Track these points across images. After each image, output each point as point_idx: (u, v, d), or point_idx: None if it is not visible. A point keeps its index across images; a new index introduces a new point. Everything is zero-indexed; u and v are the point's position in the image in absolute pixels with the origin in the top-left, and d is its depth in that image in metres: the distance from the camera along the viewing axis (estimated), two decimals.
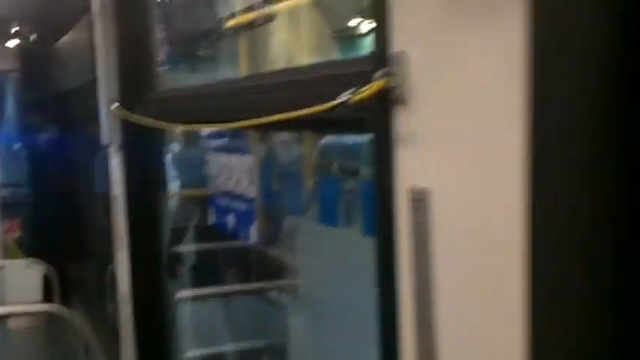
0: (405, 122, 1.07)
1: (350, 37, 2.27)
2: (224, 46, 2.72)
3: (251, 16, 1.99)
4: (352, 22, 2.33)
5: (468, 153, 0.95)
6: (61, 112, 5.41)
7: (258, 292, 3.83)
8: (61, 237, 5.73)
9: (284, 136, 3.00)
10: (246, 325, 3.75)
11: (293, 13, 1.89)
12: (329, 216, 2.22)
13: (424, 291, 1.02)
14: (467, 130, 0.94)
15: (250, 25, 2.04)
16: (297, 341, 3.51)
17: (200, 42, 3.33)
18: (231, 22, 2.16)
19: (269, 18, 1.91)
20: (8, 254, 5.93)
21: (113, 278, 3.62)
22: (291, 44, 2.05)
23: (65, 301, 4.82)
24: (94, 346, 4.14)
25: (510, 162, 0.84)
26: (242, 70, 2.39)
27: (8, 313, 4.78)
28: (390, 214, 1.11)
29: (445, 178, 0.99)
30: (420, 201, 1.03)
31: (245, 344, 3.70)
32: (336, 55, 2.32)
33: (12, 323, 5.39)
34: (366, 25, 2.25)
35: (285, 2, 1.86)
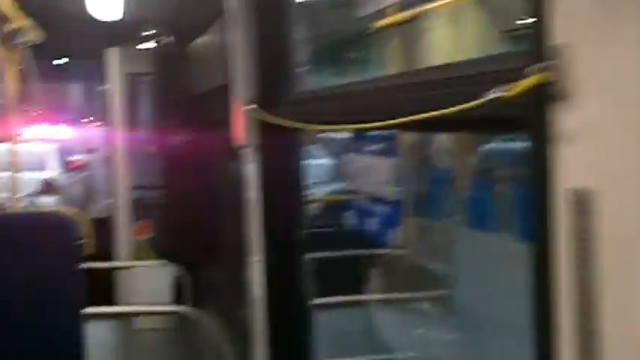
0: (566, 119, 1.07)
1: (520, 37, 2.25)
2: (372, 48, 2.76)
3: (404, 15, 2.01)
4: (523, 21, 2.31)
5: (633, 152, 0.94)
6: (195, 115, 5.65)
7: (402, 302, 3.84)
8: (193, 239, 5.97)
9: (433, 137, 3.02)
10: (387, 336, 3.78)
11: (452, 12, 1.90)
12: (480, 220, 2.22)
13: (585, 303, 1.01)
14: (629, 126, 0.93)
15: (403, 25, 2.07)
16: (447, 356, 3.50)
17: (345, 43, 3.39)
18: (380, 22, 2.19)
19: (424, 16, 1.93)
20: (139, 256, 6.23)
21: (246, 282, 3.75)
22: (451, 46, 2.05)
23: (195, 304, 5.02)
24: (223, 349, 4.31)
25: None
26: (393, 71, 2.43)
27: (136, 312, 5.05)
28: (547, 218, 1.11)
29: (612, 178, 0.98)
30: (581, 203, 1.03)
31: (385, 357, 3.73)
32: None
33: (140, 324, 5.63)
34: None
35: (444, 0, 1.87)
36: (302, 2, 2.94)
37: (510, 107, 1.19)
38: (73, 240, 2.67)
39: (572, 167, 1.07)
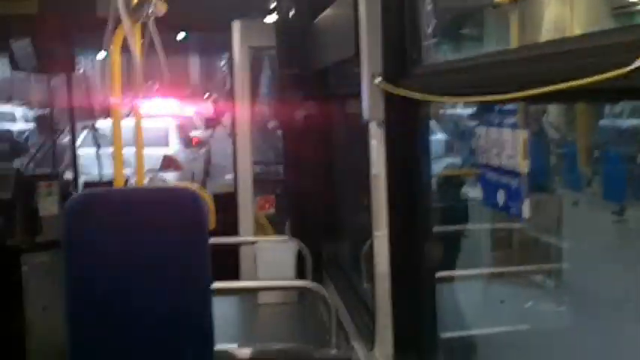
0: None
1: (632, 14, 2.27)
2: (492, 23, 2.80)
3: None
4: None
5: None
6: (319, 89, 5.76)
7: (522, 275, 3.87)
8: (315, 214, 6.11)
9: (556, 110, 3.04)
10: (503, 308, 3.82)
11: None
12: (615, 192, 2.24)
13: None
14: None
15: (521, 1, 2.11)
16: (558, 329, 3.52)
17: (468, 17, 3.43)
18: None
19: None
20: (261, 231, 6.44)
21: (369, 257, 3.85)
22: (566, 21, 2.08)
23: (318, 279, 5.17)
24: (347, 324, 4.44)
25: None
26: (513, 41, 2.46)
27: (261, 287, 5.24)
28: None
29: None
30: None
31: (503, 328, 3.77)
32: None
33: (263, 298, 5.83)
34: None
35: None
36: None
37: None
38: (202, 215, 2.76)
39: None
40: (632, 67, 1.23)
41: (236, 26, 6.14)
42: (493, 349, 3.69)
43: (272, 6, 5.95)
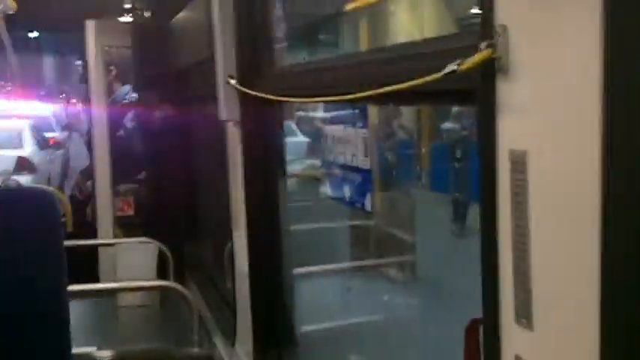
0: (506, 90, 1.29)
1: (473, 25, 2.47)
2: (344, 30, 2.96)
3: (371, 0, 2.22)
4: (475, 10, 2.54)
5: (556, 118, 1.15)
6: (176, 89, 5.79)
7: (375, 269, 4.07)
8: (175, 215, 6.13)
9: (400, 110, 3.25)
10: (361, 301, 4.00)
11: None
12: (441, 184, 2.45)
13: (522, 239, 1.24)
14: (557, 98, 1.15)
15: (370, 8, 2.27)
16: (408, 318, 3.74)
17: (320, 22, 3.58)
18: (351, 5, 2.39)
19: (389, 1, 2.14)
20: (121, 233, 6.39)
21: (230, 256, 3.93)
22: (414, 31, 2.25)
23: (179, 279, 5.20)
24: (209, 323, 4.51)
25: (590, 130, 1.04)
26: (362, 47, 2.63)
27: (120, 288, 5.19)
28: (492, 175, 1.33)
29: (539, 140, 1.20)
30: (517, 162, 1.25)
31: (359, 319, 3.95)
32: None
33: (124, 301, 5.79)
34: None
35: None
36: None
37: (462, 80, 1.39)
38: (56, 216, 2.73)
39: (510, 132, 1.28)
40: (443, 72, 1.39)
41: (90, 25, 6.07)
42: (349, 340, 3.86)
43: (127, 6, 5.94)
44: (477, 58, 1.32)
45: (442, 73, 1.42)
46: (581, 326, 1.09)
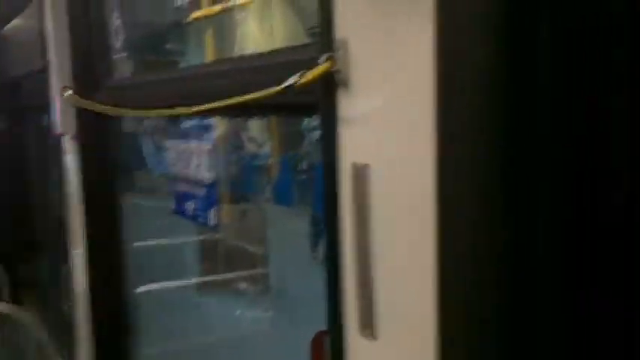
0: (346, 104, 1.30)
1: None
2: (190, 38, 2.93)
3: (217, 8, 2.20)
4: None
5: (395, 132, 1.18)
6: (9, 101, 5.55)
7: (223, 285, 4.04)
8: (9, 234, 5.85)
9: (243, 122, 3.25)
10: (211, 318, 3.97)
11: (264, 7, 2.10)
12: (284, 197, 2.46)
13: (364, 251, 1.26)
14: (394, 111, 1.17)
15: (216, 17, 2.25)
16: (261, 332, 3.73)
17: (163, 32, 3.52)
18: (196, 14, 2.37)
19: (236, 10, 2.13)
20: None
21: (68, 277, 3.79)
22: (263, 41, 2.25)
23: (15, 301, 4.97)
24: (47, 346, 4.32)
25: (423, 142, 1.07)
26: (208, 57, 2.61)
27: None
28: (334, 189, 1.34)
29: (379, 154, 1.22)
30: (359, 176, 1.26)
31: (210, 338, 3.91)
32: None
33: None
34: None
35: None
36: None
37: (304, 93, 1.40)
38: None
39: (352, 146, 1.30)
40: (283, 85, 1.40)
41: None
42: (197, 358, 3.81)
43: None
44: (316, 71, 1.33)
45: (282, 86, 1.42)
46: (421, 332, 1.11)
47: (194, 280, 4.13)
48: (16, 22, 4.66)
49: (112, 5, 3.04)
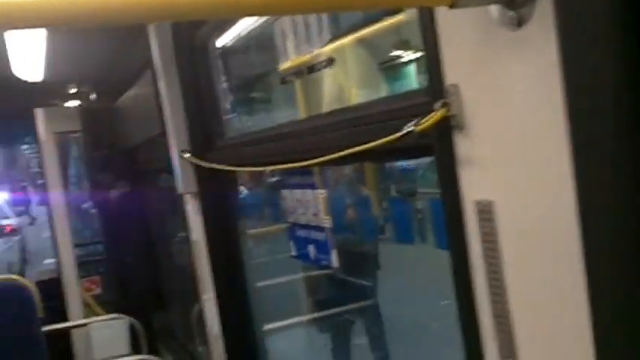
0: (464, 145, 1.30)
1: (394, 67, 2.54)
2: (281, 89, 2.98)
3: (303, 59, 2.24)
4: (394, 53, 2.61)
5: (522, 167, 1.16)
6: (130, 167, 5.75)
7: (342, 316, 4.05)
8: (141, 288, 6.03)
9: (346, 170, 3.28)
10: (337, 347, 3.97)
11: (339, 51, 2.13)
12: (404, 234, 2.46)
13: (497, 284, 1.24)
14: (518, 147, 1.16)
15: (305, 70, 2.29)
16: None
17: (258, 86, 3.60)
18: (284, 66, 2.41)
19: (326, 62, 2.16)
20: (90, 312, 6.25)
21: (200, 321, 3.87)
22: (341, 79, 2.28)
23: (153, 351, 5.09)
24: None
25: (558, 173, 1.05)
26: (300, 107, 2.65)
27: None
28: (460, 226, 1.33)
29: (505, 190, 1.21)
30: (485, 212, 1.25)
31: None
32: (382, 84, 2.56)
33: None
34: (409, 55, 2.51)
35: (332, 46, 2.10)
36: (225, 49, 3.11)
37: (420, 138, 1.40)
38: (32, 305, 2.66)
39: (473, 184, 1.29)
40: (403, 132, 1.40)
41: (39, 114, 6.00)
42: None
43: (73, 91, 5.90)
44: (432, 118, 1.34)
45: (400, 134, 1.43)
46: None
47: (315, 315, 4.16)
48: (130, 92, 4.84)
49: (218, 70, 3.12)
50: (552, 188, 1.09)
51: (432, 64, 1.37)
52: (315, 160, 1.89)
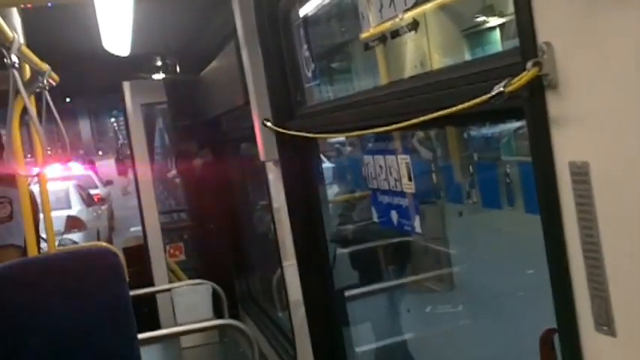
0: (557, 105, 1.24)
1: (478, 33, 2.46)
2: (363, 57, 2.93)
3: (384, 27, 2.19)
4: (478, 19, 2.52)
5: (619, 127, 1.10)
6: (213, 136, 5.82)
7: (422, 284, 4.01)
8: (224, 255, 6.12)
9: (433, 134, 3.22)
10: (410, 316, 3.95)
11: (422, 17, 2.07)
12: (492, 199, 2.40)
13: (593, 247, 1.18)
14: (616, 105, 1.10)
15: (389, 35, 2.24)
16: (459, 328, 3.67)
17: (339, 55, 3.56)
18: (365, 34, 2.36)
19: (410, 26, 2.10)
20: (174, 278, 6.40)
21: (280, 287, 3.90)
22: (423, 46, 2.22)
23: (235, 315, 5.17)
24: (268, 353, 4.46)
25: None
26: (382, 75, 2.59)
27: (183, 332, 5.16)
28: (553, 189, 1.27)
29: (600, 150, 1.15)
30: (579, 173, 1.19)
31: (410, 335, 3.89)
32: (466, 51, 2.48)
33: (186, 342, 5.78)
34: (494, 21, 2.43)
35: (414, 11, 2.04)
36: (308, 18, 3.08)
37: (510, 99, 1.35)
38: (120, 271, 2.72)
39: (567, 145, 1.23)
40: (493, 93, 1.35)
41: (126, 86, 6.12)
42: (408, 354, 3.80)
43: (158, 64, 5.99)
44: (524, 77, 1.28)
45: (489, 95, 1.37)
46: None
47: (396, 282, 4.13)
48: (213, 64, 4.88)
49: (300, 40, 3.10)
50: None
51: (523, 21, 1.31)
52: (399, 125, 1.85)
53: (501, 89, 1.33)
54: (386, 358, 4.02)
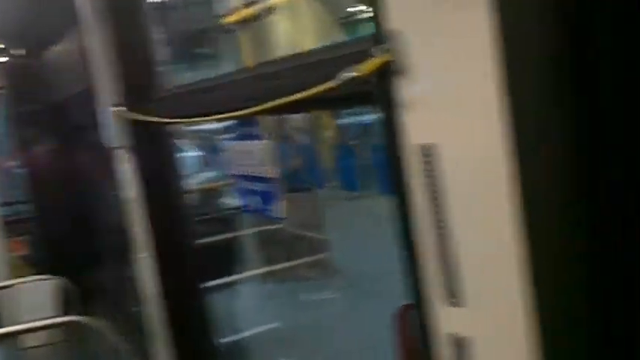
0: (405, 90, 1.33)
1: (353, 23, 2.56)
2: (224, 42, 2.96)
3: (250, 11, 2.23)
4: (353, 9, 2.62)
5: (462, 111, 1.21)
6: (58, 123, 5.64)
7: (286, 272, 4.08)
8: (72, 248, 5.96)
9: (295, 118, 3.28)
10: (280, 304, 4.01)
11: (293, 4, 2.12)
12: (350, 183, 2.50)
13: (441, 224, 1.29)
14: (457, 92, 1.21)
15: (251, 19, 2.28)
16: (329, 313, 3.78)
17: (199, 40, 3.57)
18: (230, 18, 2.40)
19: (270, 11, 2.16)
20: (16, 273, 6.14)
21: (134, 281, 3.84)
22: (295, 34, 2.28)
23: (87, 312, 5.04)
24: (123, 349, 4.38)
25: (491, 116, 1.11)
26: (246, 63, 2.64)
27: (22, 330, 4.91)
28: (403, 170, 1.37)
29: (446, 133, 1.25)
30: (428, 155, 1.30)
31: (278, 323, 3.95)
32: (341, 39, 2.57)
33: (29, 341, 5.58)
34: (367, 11, 2.53)
35: None
36: (158, 2, 3.07)
37: (361, 84, 1.43)
38: None
39: (415, 128, 1.33)
40: (338, 80, 1.43)
41: None
42: (272, 344, 3.86)
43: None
44: (371, 63, 1.36)
45: (337, 80, 1.45)
46: (511, 295, 1.15)
47: (260, 271, 4.18)
48: (58, 47, 4.74)
49: (153, 20, 3.08)
50: (488, 131, 1.14)
51: (375, 9, 1.39)
52: (253, 109, 1.90)
53: (352, 74, 1.41)
54: (254, 346, 4.07)
